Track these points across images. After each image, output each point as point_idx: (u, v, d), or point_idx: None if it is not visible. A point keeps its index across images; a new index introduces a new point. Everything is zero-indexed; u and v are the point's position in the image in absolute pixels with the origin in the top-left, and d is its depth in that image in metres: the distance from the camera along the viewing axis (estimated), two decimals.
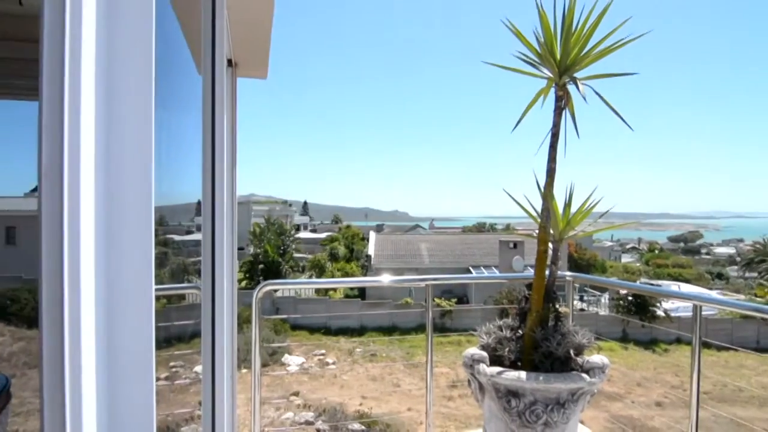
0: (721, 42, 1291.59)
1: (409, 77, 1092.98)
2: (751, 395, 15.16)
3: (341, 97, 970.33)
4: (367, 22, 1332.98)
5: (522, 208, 2.40)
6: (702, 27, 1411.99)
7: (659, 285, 27.70)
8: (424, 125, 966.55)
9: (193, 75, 1.67)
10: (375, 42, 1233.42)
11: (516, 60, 2.47)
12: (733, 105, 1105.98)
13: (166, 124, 1.33)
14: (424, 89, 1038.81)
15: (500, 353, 2.22)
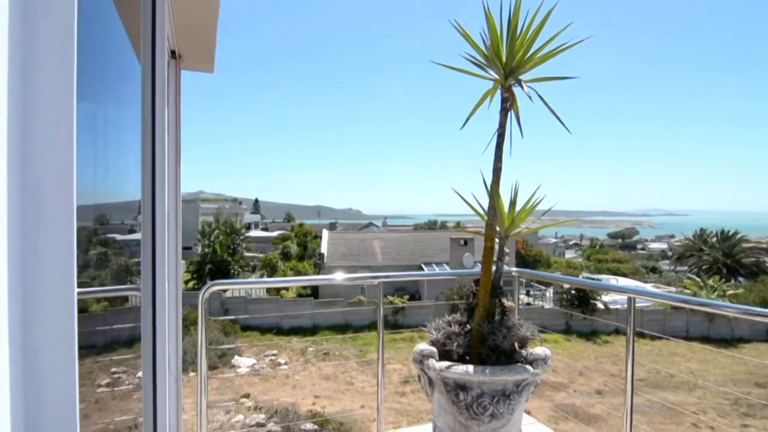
0: (656, 47, 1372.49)
1: (361, 76, 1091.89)
2: (681, 381, 16.26)
3: (293, 95, 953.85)
4: (323, 19, 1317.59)
5: (470, 207, 2.45)
6: (640, 32, 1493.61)
7: (599, 279, 29.17)
8: (378, 124, 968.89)
9: (131, 65, 1.59)
10: (328, 39, 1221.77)
11: (465, 61, 2.52)
12: (666, 112, 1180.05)
13: (100, 117, 1.26)
14: (377, 88, 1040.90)
15: (449, 348, 2.27)
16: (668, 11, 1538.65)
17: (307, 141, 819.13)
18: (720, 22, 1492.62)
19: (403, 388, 15.00)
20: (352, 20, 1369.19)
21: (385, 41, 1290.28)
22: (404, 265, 29.18)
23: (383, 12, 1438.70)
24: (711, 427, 13.09)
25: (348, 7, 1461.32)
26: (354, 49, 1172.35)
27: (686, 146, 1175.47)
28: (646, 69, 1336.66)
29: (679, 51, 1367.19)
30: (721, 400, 15.15)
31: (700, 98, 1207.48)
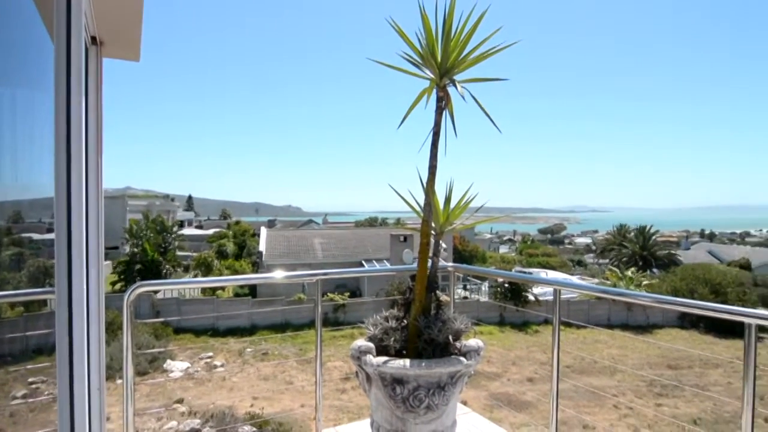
0: (583, 51, 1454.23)
1: (302, 71, 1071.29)
2: (603, 366, 17.44)
3: (231, 89, 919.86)
4: (267, 11, 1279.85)
5: (406, 203, 2.49)
6: (568, 34, 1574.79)
7: (530, 272, 30.60)
8: (319, 121, 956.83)
9: (45, 50, 1.47)
10: (269, 32, 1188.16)
11: (403, 60, 2.55)
12: (591, 115, 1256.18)
13: (6, 102, 1.16)
14: (318, 85, 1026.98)
15: (386, 343, 2.29)
16: (587, 13, 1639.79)
17: (246, 137, 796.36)
18: (635, 21, 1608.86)
19: (344, 385, 14.99)
20: (294, 13, 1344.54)
21: (326, 36, 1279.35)
22: (345, 262, 29.11)
23: (323, 6, 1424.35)
24: (629, 407, 14.13)
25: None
26: (295, 44, 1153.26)
27: (609, 147, 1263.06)
28: (572, 73, 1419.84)
29: (600, 54, 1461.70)
30: (638, 382, 16.42)
31: (619, 102, 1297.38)
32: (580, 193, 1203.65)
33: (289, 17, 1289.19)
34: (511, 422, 12.67)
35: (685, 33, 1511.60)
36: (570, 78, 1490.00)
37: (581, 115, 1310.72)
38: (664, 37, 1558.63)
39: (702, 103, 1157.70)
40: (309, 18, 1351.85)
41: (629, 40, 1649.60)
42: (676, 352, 19.38)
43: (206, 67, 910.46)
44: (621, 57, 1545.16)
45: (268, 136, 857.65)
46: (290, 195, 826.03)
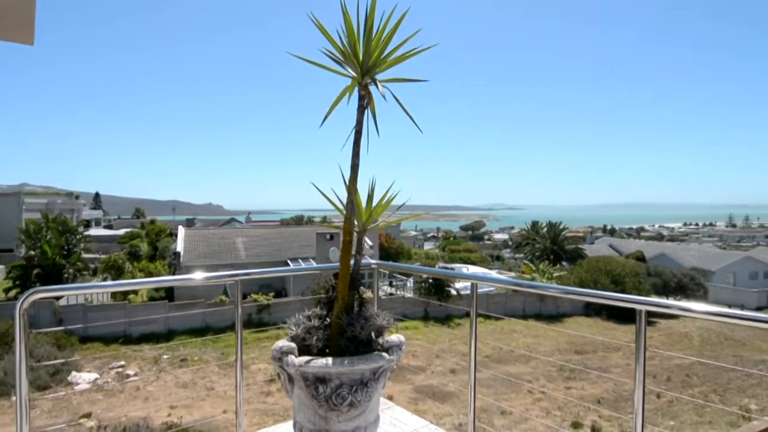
0: (506, 57, 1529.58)
1: (225, 64, 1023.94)
2: (519, 354, 18.51)
3: (145, 81, 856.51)
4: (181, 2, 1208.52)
5: (329, 201, 2.48)
6: (490, 39, 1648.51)
7: (452, 268, 31.71)
8: (242, 116, 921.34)
9: None
10: (190, 24, 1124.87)
11: (324, 56, 2.53)
12: (510, 118, 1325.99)
13: None
14: (242, 79, 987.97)
15: (309, 343, 2.27)
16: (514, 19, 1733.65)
17: (162, 131, 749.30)
18: (551, 22, 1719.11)
19: (269, 387, 14.65)
20: (215, 7, 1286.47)
21: (248, 30, 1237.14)
22: (269, 262, 28.42)
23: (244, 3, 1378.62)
24: (542, 391, 15.13)
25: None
26: (215, 37, 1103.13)
27: (525, 149, 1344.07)
28: (488, 77, 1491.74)
29: (514, 57, 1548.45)
30: (550, 368, 17.61)
31: (534, 106, 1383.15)
32: (498, 192, 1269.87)
33: (218, 9, 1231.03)
34: (435, 413, 13.07)
35: (595, 34, 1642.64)
36: (487, 81, 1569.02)
37: (500, 118, 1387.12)
38: (579, 38, 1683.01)
39: (603, 110, 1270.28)
40: (231, 11, 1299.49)
41: (545, 41, 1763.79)
42: (583, 338, 21.03)
43: (117, 54, 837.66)
44: (535, 59, 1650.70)
45: (187, 131, 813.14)
46: (211, 193, 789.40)
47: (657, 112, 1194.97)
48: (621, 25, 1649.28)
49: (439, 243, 72.43)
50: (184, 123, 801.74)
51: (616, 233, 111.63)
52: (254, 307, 22.90)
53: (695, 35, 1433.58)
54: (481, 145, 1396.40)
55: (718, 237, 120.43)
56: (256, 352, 17.89)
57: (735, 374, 17.07)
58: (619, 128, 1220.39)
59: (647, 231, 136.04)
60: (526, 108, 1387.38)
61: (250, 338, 19.55)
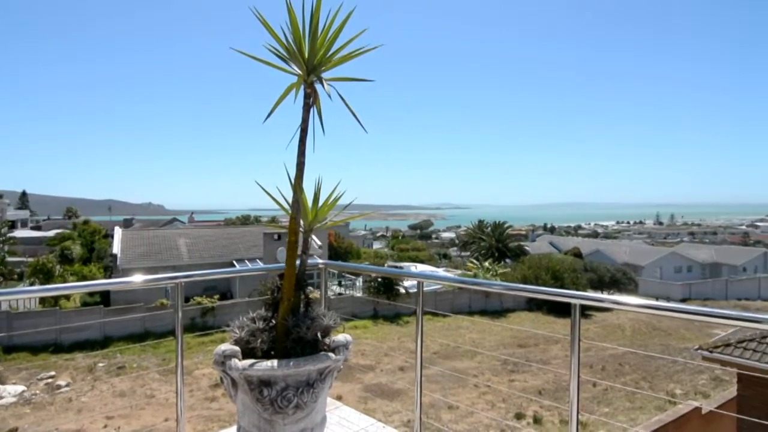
0: (454, 58, 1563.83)
1: (163, 58, 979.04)
2: (465, 350, 18.97)
3: (72, 63, 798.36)
4: None
5: (274, 200, 2.44)
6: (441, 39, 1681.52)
7: (401, 266, 32.05)
8: (181, 111, 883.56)
9: None
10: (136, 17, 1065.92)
11: (269, 53, 2.48)
12: (456, 120, 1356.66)
13: None
14: (178, 73, 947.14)
15: (253, 345, 2.22)
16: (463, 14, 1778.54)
17: (97, 127, 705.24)
18: (511, 22, 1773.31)
19: (213, 392, 14.21)
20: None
21: (186, 23, 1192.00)
22: (214, 263, 27.55)
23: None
24: (488, 385, 15.59)
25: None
26: (159, 29, 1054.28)
27: (470, 149, 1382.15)
28: (436, 78, 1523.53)
29: (463, 58, 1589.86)
30: (494, 362, 18.17)
31: (475, 110, 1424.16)
32: (446, 192, 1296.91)
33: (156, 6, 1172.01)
34: (384, 411, 13.16)
35: (553, 38, 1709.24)
36: (433, 84, 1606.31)
37: (447, 119, 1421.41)
38: (524, 40, 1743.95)
39: (543, 114, 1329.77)
40: (176, 5, 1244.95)
41: (490, 45, 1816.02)
42: (525, 332, 21.87)
43: (42, 43, 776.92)
44: (478, 62, 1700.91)
45: (124, 127, 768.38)
46: (150, 192, 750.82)
47: (592, 117, 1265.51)
48: (561, 29, 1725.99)
49: (388, 242, 72.95)
50: (122, 119, 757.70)
51: (556, 231, 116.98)
52: (198, 310, 22.11)
53: (634, 36, 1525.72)
54: (429, 145, 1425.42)
55: (647, 234, 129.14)
56: (200, 356, 17.29)
57: (662, 362, 18.34)
58: (559, 131, 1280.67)
59: (584, 229, 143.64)
60: (472, 110, 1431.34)
61: (194, 342, 18.86)
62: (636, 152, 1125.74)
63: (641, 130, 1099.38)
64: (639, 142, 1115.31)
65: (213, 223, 57.29)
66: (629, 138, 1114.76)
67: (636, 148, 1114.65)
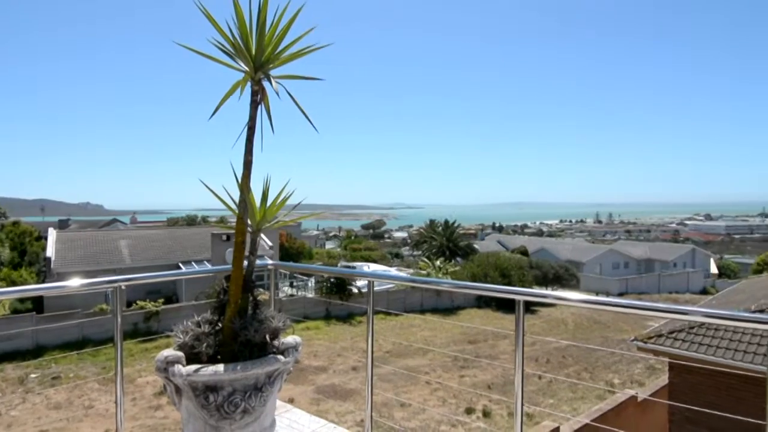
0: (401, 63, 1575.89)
1: (101, 49, 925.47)
2: (417, 348, 19.20)
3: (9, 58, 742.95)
4: None
5: (220, 200, 2.37)
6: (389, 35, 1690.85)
7: (354, 266, 32.01)
8: (122, 107, 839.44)
9: None
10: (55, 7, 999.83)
11: (214, 48, 2.41)
12: (408, 120, 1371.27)
13: None
14: (119, 67, 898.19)
15: (198, 350, 2.15)
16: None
17: (28, 123, 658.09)
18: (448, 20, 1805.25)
19: (158, 400, 13.63)
20: None
21: (128, 17, 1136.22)
22: (159, 266, 26.42)
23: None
24: (439, 382, 15.86)
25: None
26: (101, 21, 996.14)
27: (421, 149, 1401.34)
28: (384, 76, 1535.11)
29: (411, 57, 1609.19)
30: (446, 359, 18.51)
31: (428, 110, 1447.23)
32: (398, 191, 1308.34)
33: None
34: (337, 411, 13.10)
35: (498, 39, 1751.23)
36: (384, 84, 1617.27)
37: (398, 120, 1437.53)
38: (473, 42, 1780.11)
39: (487, 116, 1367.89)
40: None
41: (445, 43, 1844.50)
42: (475, 328, 22.41)
43: None
44: (428, 64, 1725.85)
45: (59, 123, 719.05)
46: (88, 191, 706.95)
47: (538, 121, 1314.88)
48: (508, 30, 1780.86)
49: (341, 242, 72.67)
50: (56, 115, 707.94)
51: (504, 230, 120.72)
52: (142, 315, 21.16)
53: (573, 37, 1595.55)
54: (382, 146, 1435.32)
55: (587, 232, 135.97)
56: (143, 363, 16.54)
57: (602, 353, 19.32)
58: (506, 134, 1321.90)
59: (530, 228, 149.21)
60: (424, 112, 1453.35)
61: (137, 349, 18.04)
62: (578, 154, 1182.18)
63: (583, 133, 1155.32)
64: (581, 144, 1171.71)
65: (157, 224, 54.96)
66: (572, 140, 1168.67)
67: (578, 150, 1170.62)
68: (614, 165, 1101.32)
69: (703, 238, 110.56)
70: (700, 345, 9.48)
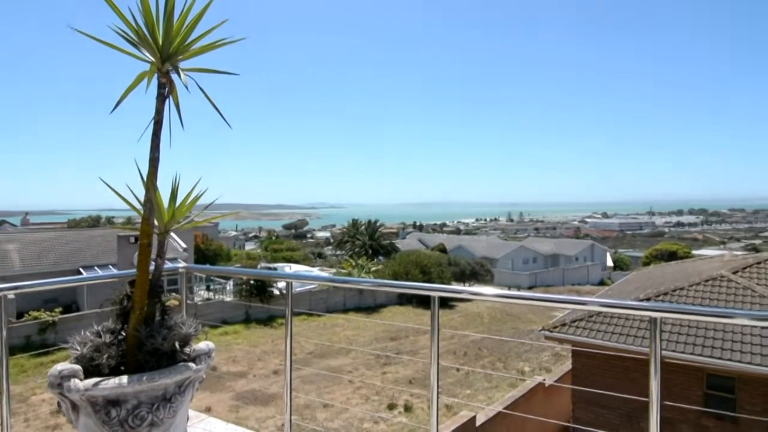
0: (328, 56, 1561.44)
1: None
2: (340, 347, 19.18)
3: None
4: None
5: (123, 199, 2.20)
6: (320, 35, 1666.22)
7: (274, 268, 31.28)
8: (10, 98, 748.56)
9: None
10: None
11: (117, 36, 2.23)
12: (328, 118, 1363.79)
13: None
14: (8, 54, 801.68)
15: (98, 362, 1.98)
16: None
17: None
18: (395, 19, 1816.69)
19: (56, 419, 12.41)
20: None
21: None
22: (55, 272, 24.03)
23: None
24: (362, 380, 15.95)
25: None
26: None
27: (344, 148, 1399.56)
28: (309, 75, 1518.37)
29: (337, 56, 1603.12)
30: (368, 357, 18.67)
31: (350, 111, 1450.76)
32: (320, 191, 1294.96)
33: None
34: (257, 417, 12.73)
35: (412, 40, 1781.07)
36: (305, 82, 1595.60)
37: (319, 118, 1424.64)
38: (394, 41, 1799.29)
39: (406, 117, 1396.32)
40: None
41: (367, 43, 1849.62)
42: (396, 325, 22.83)
43: None
44: (353, 62, 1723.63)
45: None
46: None
47: (455, 123, 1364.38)
48: (427, 32, 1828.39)
49: (261, 243, 70.64)
50: None
51: (424, 229, 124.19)
52: (35, 326, 19.17)
53: (496, 45, 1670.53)
54: (304, 145, 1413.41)
55: (501, 230, 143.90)
56: (38, 379, 14.98)
57: (514, 344, 20.52)
58: (425, 134, 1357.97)
59: (448, 226, 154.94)
60: (345, 111, 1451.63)
61: (30, 364, 16.32)
62: (493, 156, 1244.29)
63: (497, 135, 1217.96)
64: (495, 146, 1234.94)
65: (53, 226, 49.87)
66: (487, 142, 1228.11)
67: (492, 152, 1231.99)
68: (525, 166, 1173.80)
69: (600, 234, 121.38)
70: (598, 332, 10.38)
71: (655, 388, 1.98)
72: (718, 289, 10.76)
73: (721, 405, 9.32)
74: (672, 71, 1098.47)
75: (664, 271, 16.73)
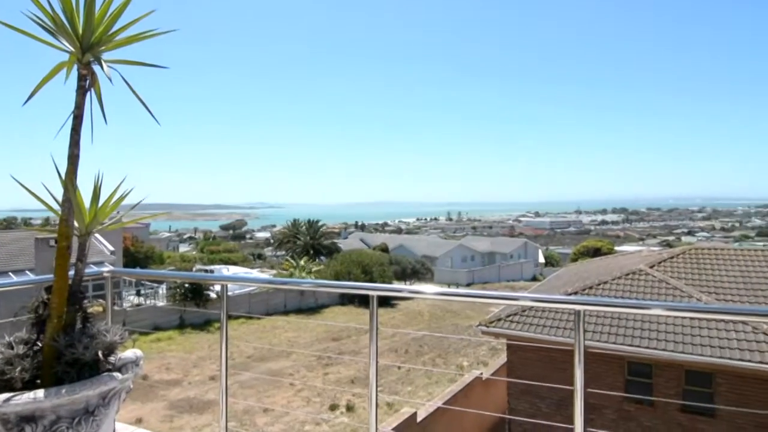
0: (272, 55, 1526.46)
1: None
2: (281, 350, 18.84)
3: None
4: None
5: (38, 199, 2.04)
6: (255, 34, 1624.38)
7: (211, 270, 30.20)
8: None
9: None
10: None
11: (32, 23, 2.06)
12: (267, 117, 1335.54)
13: None
14: None
15: (9, 376, 1.82)
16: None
17: None
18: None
19: None
20: None
21: None
22: None
23: None
24: (304, 382, 15.75)
25: None
26: None
27: (279, 146, 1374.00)
28: (249, 74, 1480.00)
29: (280, 55, 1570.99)
30: (310, 358, 18.46)
31: (290, 109, 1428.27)
32: (259, 191, 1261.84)
33: None
34: (193, 426, 12.24)
35: (352, 44, 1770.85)
36: (243, 78, 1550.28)
37: (257, 115, 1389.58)
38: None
39: (347, 118, 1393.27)
40: None
41: (320, 40, 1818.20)
42: (338, 326, 22.74)
43: None
44: (290, 58, 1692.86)
45: None
46: None
47: (391, 122, 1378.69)
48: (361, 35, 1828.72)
49: (197, 244, 67.89)
50: None
51: (366, 228, 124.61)
52: None
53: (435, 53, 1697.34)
54: (240, 143, 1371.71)
55: (440, 229, 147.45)
56: None
57: (453, 340, 21.06)
58: (364, 134, 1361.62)
59: (390, 226, 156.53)
60: (284, 106, 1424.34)
61: None
62: (431, 156, 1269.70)
63: (433, 135, 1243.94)
64: (433, 146, 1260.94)
65: None
66: (425, 143, 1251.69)
67: (431, 152, 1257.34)
68: (463, 169, 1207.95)
69: (533, 232, 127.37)
70: (530, 325, 10.88)
71: (580, 376, 2.11)
72: (637, 282, 11.63)
73: (641, 390, 10.08)
74: (590, 73, 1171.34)
75: (589, 266, 17.82)
